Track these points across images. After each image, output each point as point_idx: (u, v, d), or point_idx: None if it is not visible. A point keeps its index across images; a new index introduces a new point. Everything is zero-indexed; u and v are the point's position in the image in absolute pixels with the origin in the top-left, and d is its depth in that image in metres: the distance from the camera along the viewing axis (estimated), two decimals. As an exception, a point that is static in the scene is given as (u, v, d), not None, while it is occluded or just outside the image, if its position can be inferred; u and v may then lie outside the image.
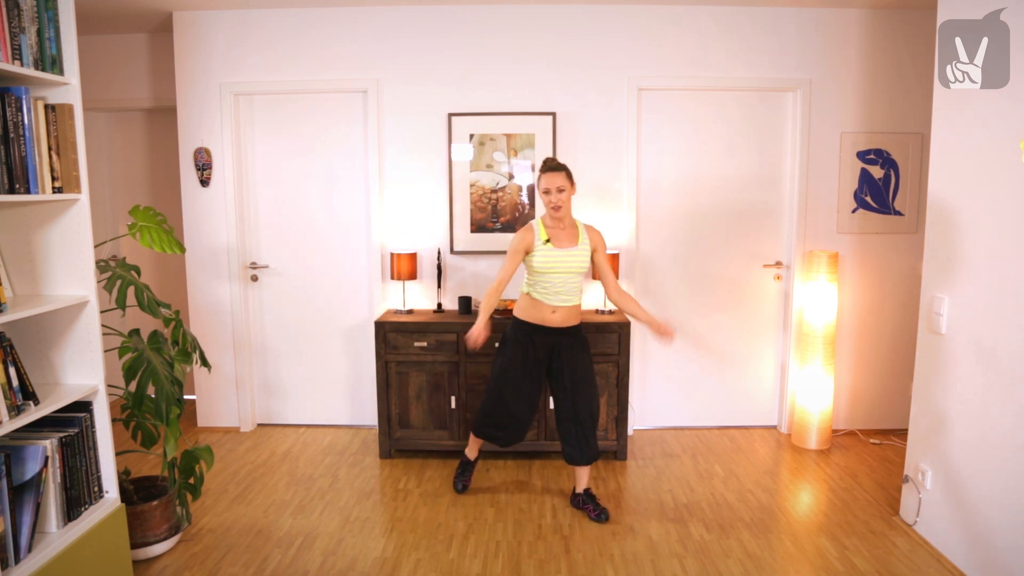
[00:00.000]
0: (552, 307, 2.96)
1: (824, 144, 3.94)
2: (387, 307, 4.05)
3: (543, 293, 2.96)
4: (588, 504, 3.08)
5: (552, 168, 2.92)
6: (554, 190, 2.88)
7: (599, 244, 3.03)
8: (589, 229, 3.03)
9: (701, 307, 4.15)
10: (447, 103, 3.92)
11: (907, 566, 2.67)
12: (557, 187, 2.88)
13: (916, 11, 3.81)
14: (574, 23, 3.86)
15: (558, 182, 2.88)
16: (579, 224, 3.02)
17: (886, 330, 4.10)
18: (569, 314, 2.99)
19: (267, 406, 4.31)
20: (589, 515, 3.07)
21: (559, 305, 2.96)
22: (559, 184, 2.88)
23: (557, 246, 2.93)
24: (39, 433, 2.14)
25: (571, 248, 2.94)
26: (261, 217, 4.15)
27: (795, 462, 3.73)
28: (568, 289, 2.96)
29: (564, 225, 2.97)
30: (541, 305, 2.97)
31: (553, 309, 2.96)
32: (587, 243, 2.97)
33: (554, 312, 2.96)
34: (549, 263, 2.91)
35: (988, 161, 2.51)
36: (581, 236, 2.97)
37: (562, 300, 2.96)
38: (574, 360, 3.00)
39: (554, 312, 2.96)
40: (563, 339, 3.01)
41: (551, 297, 2.95)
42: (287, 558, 2.75)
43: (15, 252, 2.26)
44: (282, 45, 3.92)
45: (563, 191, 2.88)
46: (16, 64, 1.98)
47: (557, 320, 2.97)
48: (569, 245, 2.94)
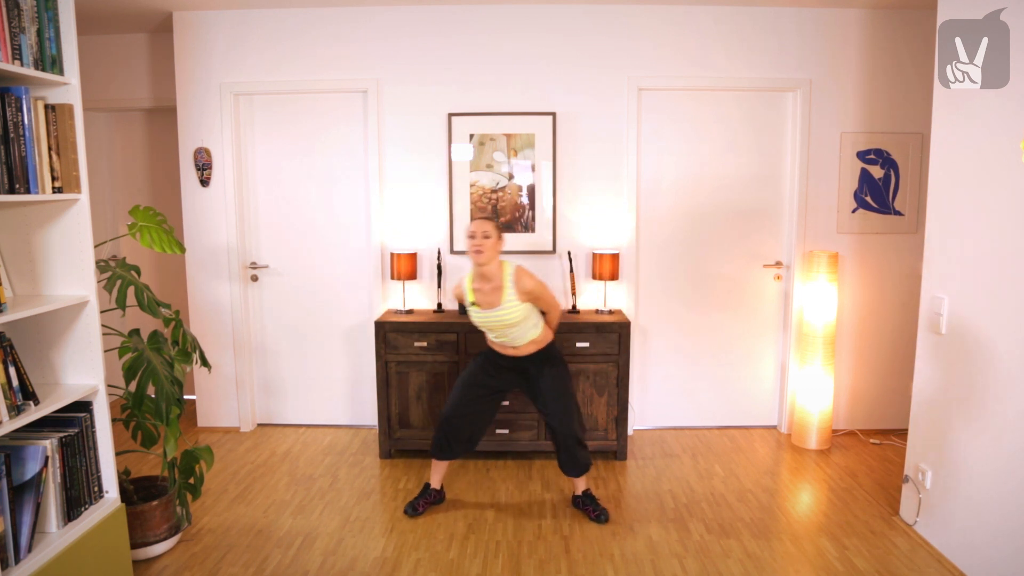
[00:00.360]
0: (510, 347, 2.99)
1: (824, 144, 3.94)
2: (387, 307, 4.05)
3: (494, 340, 3.01)
4: (588, 505, 3.09)
5: (483, 217, 2.96)
6: (479, 235, 2.83)
7: (532, 290, 2.86)
8: (519, 277, 2.86)
9: (701, 307, 4.14)
10: (447, 103, 3.92)
11: (907, 566, 2.67)
12: (483, 232, 2.84)
13: (916, 11, 3.81)
14: (574, 23, 3.86)
15: (485, 228, 2.85)
16: (506, 276, 2.87)
17: (886, 330, 4.10)
18: (529, 348, 2.98)
19: (267, 406, 4.31)
20: (589, 516, 3.07)
21: (516, 346, 2.97)
22: (485, 230, 2.85)
23: (483, 308, 2.90)
24: (39, 433, 2.14)
25: (496, 309, 2.87)
26: (261, 217, 4.15)
27: (795, 462, 3.73)
28: (514, 336, 2.94)
29: (489, 277, 2.88)
30: (499, 345, 3.02)
31: (512, 347, 2.98)
32: (513, 297, 2.84)
33: (515, 348, 2.98)
34: (480, 322, 2.94)
35: (988, 161, 2.51)
36: (506, 292, 2.85)
37: (514, 343, 2.96)
38: (543, 383, 3.00)
39: (515, 348, 2.98)
40: (532, 363, 3.01)
41: (502, 342, 2.99)
42: (287, 558, 2.75)
43: (15, 252, 2.26)
44: (282, 45, 3.92)
45: (488, 238, 2.84)
46: (16, 64, 1.98)
47: (520, 352, 2.99)
48: (494, 305, 2.87)
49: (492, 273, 2.89)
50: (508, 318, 2.87)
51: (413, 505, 3.11)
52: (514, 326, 2.89)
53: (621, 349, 3.60)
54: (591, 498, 3.11)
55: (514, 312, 2.86)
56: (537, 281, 2.90)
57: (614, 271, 3.82)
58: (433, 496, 3.16)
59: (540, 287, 2.90)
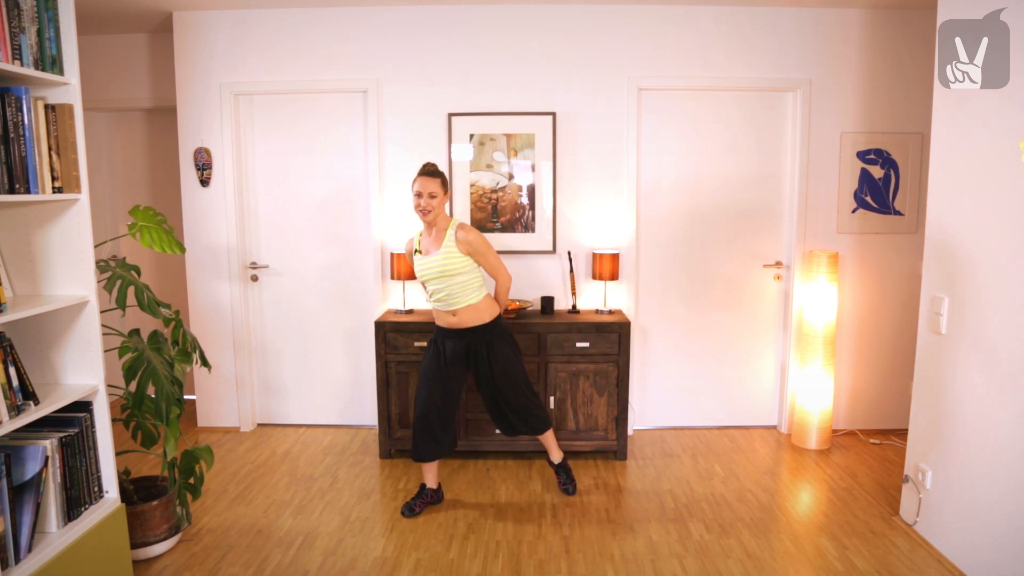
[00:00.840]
0: (450, 311, 2.99)
1: (824, 144, 3.94)
2: (387, 307, 4.05)
3: (434, 300, 3.02)
4: (560, 475, 3.24)
5: (427, 173, 2.93)
6: (426, 195, 2.88)
7: (468, 243, 2.91)
8: (462, 230, 2.94)
9: (701, 307, 4.15)
10: (447, 103, 3.92)
11: (907, 566, 2.67)
12: (429, 192, 2.88)
13: (916, 11, 3.81)
14: (574, 23, 3.86)
15: (430, 187, 2.89)
16: (451, 228, 2.95)
17: (886, 330, 4.10)
18: (471, 314, 2.98)
19: (267, 406, 4.31)
20: (559, 485, 3.24)
21: (455, 308, 2.97)
22: (431, 190, 2.89)
23: (424, 254, 2.97)
24: (39, 433, 2.14)
25: (432, 254, 2.93)
26: (261, 217, 4.15)
27: (795, 462, 3.73)
28: (451, 292, 2.94)
29: (432, 232, 2.98)
30: (440, 312, 3.03)
31: (452, 312, 2.98)
32: (452, 245, 2.91)
33: (454, 315, 2.99)
34: (419, 271, 2.98)
35: (988, 161, 2.51)
36: (447, 239, 2.92)
37: (451, 304, 2.97)
38: (492, 358, 3.02)
39: (454, 315, 2.99)
40: (476, 338, 3.02)
41: (440, 304, 2.99)
42: (287, 558, 2.75)
43: (15, 252, 2.26)
44: (282, 45, 3.92)
45: (434, 197, 2.89)
46: (16, 64, 1.98)
47: (460, 321, 2.99)
48: (433, 251, 2.94)
49: (439, 225, 2.98)
50: (446, 266, 2.90)
51: (410, 506, 3.11)
52: (451, 276, 2.91)
53: (621, 349, 3.60)
54: (565, 468, 3.25)
55: (452, 261, 2.90)
56: (481, 237, 2.96)
57: (614, 271, 3.82)
58: (430, 496, 3.16)
59: (482, 242, 2.96)
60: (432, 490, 3.17)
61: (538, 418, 3.16)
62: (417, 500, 3.13)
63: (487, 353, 3.02)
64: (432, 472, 3.15)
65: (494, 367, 3.02)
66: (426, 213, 2.90)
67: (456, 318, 2.98)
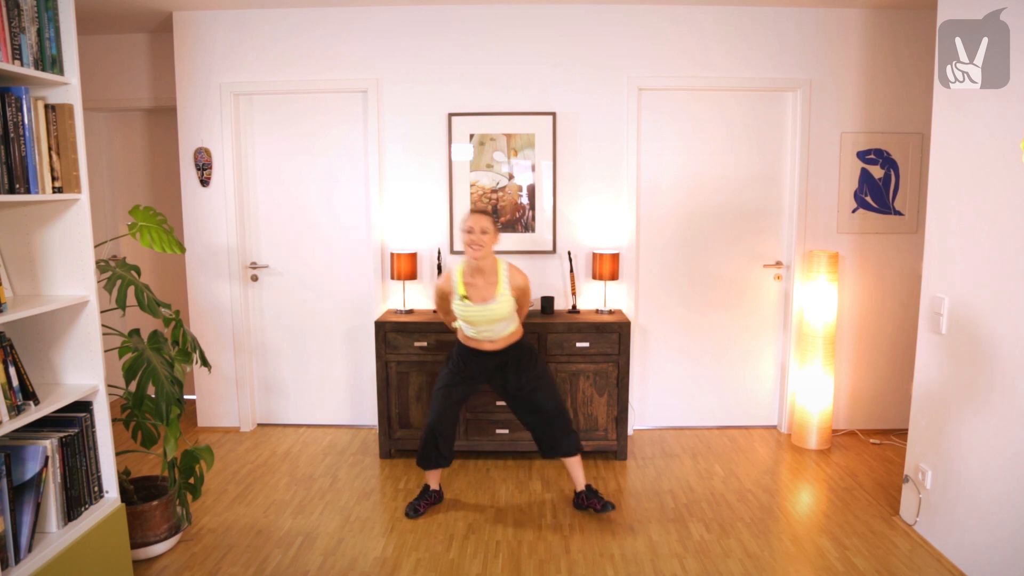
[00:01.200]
0: (489, 340, 3.00)
1: (824, 144, 3.94)
2: (387, 307, 4.05)
3: (473, 334, 3.00)
4: (592, 499, 3.08)
5: (478, 211, 2.97)
6: (477, 230, 2.85)
7: (521, 292, 2.96)
8: (513, 274, 2.95)
9: (701, 307, 4.15)
10: (447, 103, 3.92)
11: (907, 566, 2.67)
12: (481, 228, 2.86)
13: (916, 11, 3.81)
14: (574, 23, 3.86)
15: (482, 223, 2.86)
16: (501, 271, 2.93)
17: (886, 330, 4.10)
18: (506, 340, 3.00)
19: (267, 406, 4.31)
20: (595, 508, 3.05)
21: (495, 339, 2.99)
22: (483, 226, 2.86)
23: (475, 301, 2.91)
24: (39, 433, 2.14)
25: (489, 303, 2.90)
26: (261, 217, 4.15)
27: (795, 462, 3.73)
28: (496, 330, 2.96)
29: (484, 271, 2.92)
30: (474, 340, 3.02)
31: (490, 340, 3.00)
32: (507, 292, 2.90)
33: (492, 343, 3.00)
34: (468, 317, 2.94)
35: (988, 161, 2.51)
36: (501, 285, 2.91)
37: (494, 336, 2.98)
38: (525, 372, 3.02)
39: (492, 343, 3.00)
40: (508, 356, 3.02)
41: (481, 336, 2.99)
42: (287, 558, 2.75)
43: (15, 252, 2.26)
44: (282, 45, 3.92)
45: (486, 233, 2.86)
46: (16, 64, 1.98)
47: (495, 346, 3.01)
48: (487, 299, 2.90)
49: (487, 268, 2.92)
50: (499, 313, 2.90)
51: (414, 507, 3.11)
52: (502, 321, 2.93)
53: (621, 349, 3.59)
54: (594, 491, 3.10)
55: (506, 307, 2.91)
56: (527, 279, 3.02)
57: (614, 271, 3.82)
58: (433, 497, 3.17)
59: (528, 285, 3.03)
60: (435, 491, 3.18)
61: (574, 433, 3.08)
62: (421, 501, 3.13)
63: (519, 366, 3.02)
64: (436, 475, 3.16)
65: (531, 377, 3.01)
66: (478, 248, 2.85)
67: (493, 344, 3.00)
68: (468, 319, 2.95)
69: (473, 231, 2.85)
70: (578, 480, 3.12)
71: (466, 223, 2.89)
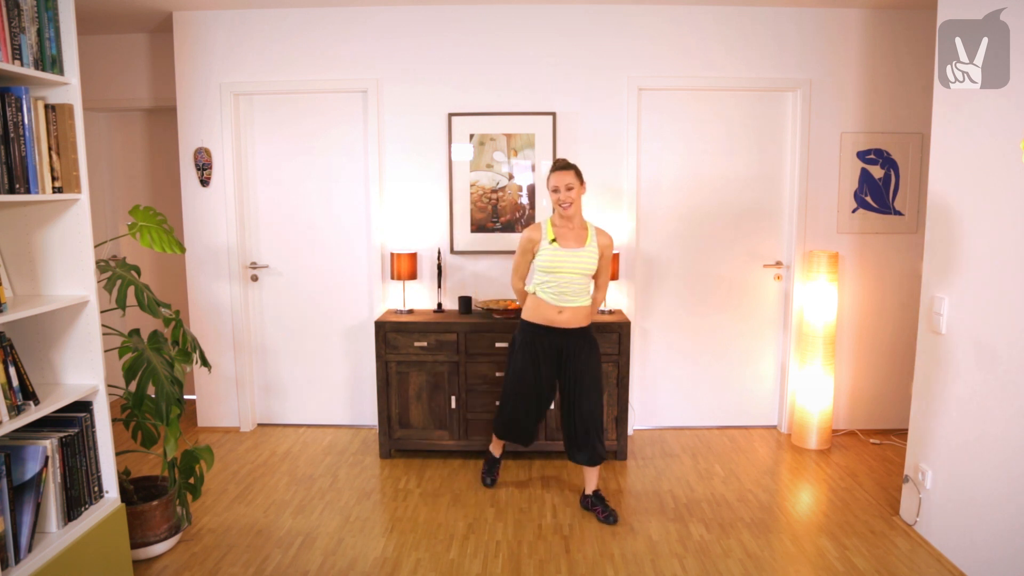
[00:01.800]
0: (558, 308, 2.95)
1: (824, 144, 3.94)
2: (387, 307, 4.05)
3: (548, 293, 2.95)
4: (597, 506, 3.07)
5: (561, 167, 2.93)
6: (563, 188, 2.87)
7: (606, 249, 2.99)
8: (600, 232, 3.00)
9: (701, 307, 4.15)
10: (447, 103, 3.92)
11: (907, 566, 2.67)
12: (566, 185, 2.87)
13: (916, 11, 3.81)
14: (574, 23, 3.86)
15: (567, 180, 2.88)
16: (590, 225, 2.99)
17: (886, 330, 4.10)
18: (576, 315, 2.96)
19: (267, 406, 4.31)
20: (598, 516, 3.05)
21: (565, 306, 2.94)
22: (568, 182, 2.88)
23: (563, 246, 2.92)
24: (39, 433, 2.14)
25: (577, 249, 2.92)
26: (261, 217, 4.15)
27: (795, 462, 3.73)
28: (574, 290, 2.94)
29: (573, 225, 2.96)
30: (547, 306, 2.96)
31: (560, 310, 2.95)
32: (595, 245, 2.95)
33: (560, 312, 2.95)
34: (555, 263, 2.91)
35: (988, 161, 2.51)
36: (590, 238, 2.95)
37: (568, 300, 2.94)
38: (580, 363, 2.99)
39: (560, 312, 2.95)
40: (571, 341, 3.00)
41: (556, 298, 2.94)
42: (287, 558, 2.75)
43: (15, 252, 2.26)
44: (282, 45, 3.92)
45: (571, 189, 2.88)
46: (16, 64, 1.98)
47: (564, 320, 2.96)
48: (576, 246, 2.93)
49: (577, 221, 2.98)
50: (585, 263, 2.92)
51: (491, 477, 3.38)
52: (583, 275, 2.93)
53: (621, 349, 3.60)
54: (600, 499, 3.10)
55: (590, 260, 2.93)
56: (612, 239, 3.05)
57: (614, 271, 3.82)
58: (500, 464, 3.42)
59: (613, 244, 3.07)
60: (497, 458, 3.41)
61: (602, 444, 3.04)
62: (493, 471, 3.39)
63: (578, 355, 2.99)
64: (501, 444, 3.36)
65: (587, 369, 2.98)
66: (567, 206, 2.88)
67: (563, 316, 2.96)
68: (554, 267, 2.91)
69: (559, 189, 2.89)
70: (589, 483, 3.13)
71: (551, 181, 2.91)
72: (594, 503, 3.09)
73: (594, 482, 3.12)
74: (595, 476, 3.11)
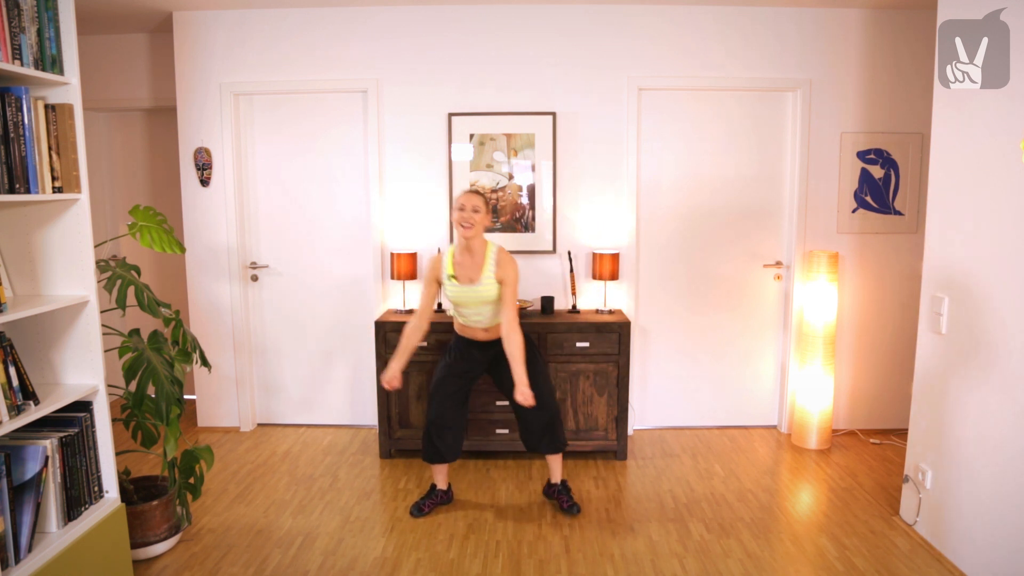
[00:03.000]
0: (481, 328, 3.00)
1: (824, 144, 3.94)
2: (387, 307, 4.05)
3: (464, 319, 3.01)
4: (562, 495, 3.12)
5: (472, 191, 2.97)
6: (469, 208, 2.85)
7: (508, 277, 2.89)
8: (501, 259, 2.91)
9: (701, 307, 4.15)
10: (447, 103, 3.92)
11: (907, 566, 2.67)
12: (472, 206, 2.85)
13: (916, 11, 3.81)
14: (574, 23, 3.86)
15: (474, 202, 2.86)
16: (489, 254, 2.91)
17: (886, 330, 4.10)
18: (499, 329, 2.97)
19: (267, 406, 4.31)
20: (561, 505, 3.09)
21: (487, 326, 2.99)
22: (475, 204, 2.86)
23: (461, 281, 2.92)
24: (39, 433, 2.14)
25: (474, 284, 2.90)
26: (261, 217, 4.15)
27: (795, 462, 3.73)
28: (487, 313, 2.95)
29: (472, 253, 2.92)
30: (469, 327, 3.02)
31: (484, 328, 3.00)
32: (491, 276, 2.89)
33: (485, 331, 3.00)
34: (455, 296, 2.94)
35: (988, 161, 2.51)
36: (486, 269, 2.89)
37: (484, 323, 2.98)
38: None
39: (485, 331, 3.00)
40: (500, 349, 2.96)
41: (471, 322, 2.99)
42: (287, 558, 2.75)
43: (15, 252, 2.26)
44: (282, 45, 3.92)
45: (477, 212, 2.85)
46: (16, 64, 1.98)
47: (489, 336, 3.01)
48: (472, 280, 2.90)
49: (476, 249, 2.93)
50: (484, 295, 2.90)
51: (419, 506, 3.10)
52: (489, 304, 2.93)
53: (621, 349, 3.59)
54: (567, 488, 3.15)
55: (491, 290, 2.90)
56: (515, 270, 2.92)
57: (614, 271, 3.82)
58: (440, 497, 3.16)
59: (514, 276, 2.91)
60: (442, 491, 3.17)
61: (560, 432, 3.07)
62: (426, 500, 3.13)
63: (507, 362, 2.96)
64: (442, 473, 3.16)
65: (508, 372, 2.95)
66: (468, 228, 2.85)
67: (487, 333, 3.01)
68: (454, 299, 2.96)
69: (464, 208, 2.86)
70: (554, 472, 3.16)
71: (458, 200, 2.90)
72: (560, 492, 3.13)
73: (559, 471, 3.15)
74: (559, 464, 3.15)
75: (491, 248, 2.94)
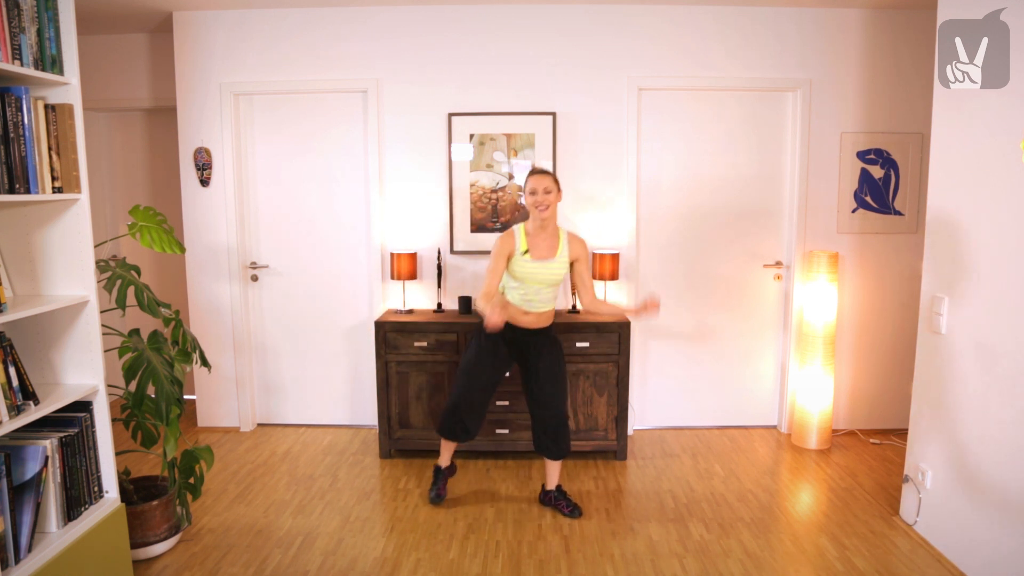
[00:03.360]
0: (523, 311, 2.99)
1: (824, 144, 3.94)
2: (387, 307, 4.05)
3: (515, 297, 2.99)
4: (560, 500, 3.11)
5: (539, 171, 2.95)
6: (540, 190, 2.87)
7: (581, 254, 3.01)
8: (572, 239, 3.00)
9: (701, 307, 4.15)
10: (447, 103, 3.92)
11: (907, 566, 2.67)
12: (544, 188, 2.87)
13: (916, 11, 3.81)
14: (574, 23, 3.86)
15: (545, 183, 2.88)
16: (562, 233, 2.99)
17: (886, 330, 4.10)
18: (540, 318, 3.01)
19: (267, 406, 4.31)
20: (562, 511, 3.09)
21: (530, 310, 2.99)
22: (546, 185, 2.88)
23: (535, 257, 2.93)
24: (39, 433, 2.14)
25: (548, 260, 2.93)
26: (261, 217, 4.15)
27: (795, 462, 3.73)
28: (541, 298, 2.97)
29: (547, 233, 2.96)
30: (513, 307, 3.01)
31: (525, 312, 2.99)
32: (565, 255, 2.96)
33: (525, 315, 3.00)
34: (525, 273, 2.93)
35: (988, 161, 2.51)
36: (560, 248, 2.95)
37: (533, 306, 2.98)
38: (547, 361, 3.02)
39: (525, 315, 3.00)
40: (535, 339, 3.03)
41: (523, 302, 2.98)
42: (287, 558, 2.75)
43: (15, 252, 2.26)
44: (282, 45, 3.92)
45: (549, 192, 2.88)
46: (16, 64, 1.98)
47: (528, 322, 3.00)
48: (547, 257, 2.94)
49: (550, 228, 2.97)
50: (555, 273, 2.94)
51: (436, 493, 3.19)
52: (553, 287, 2.97)
53: (621, 349, 3.59)
54: (564, 493, 3.14)
55: (560, 271, 2.95)
56: (588, 250, 3.06)
57: (614, 271, 3.82)
58: (447, 473, 3.23)
59: (587, 255, 3.06)
60: (447, 468, 3.24)
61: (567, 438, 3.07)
62: (439, 484, 3.20)
63: (543, 352, 3.02)
64: (450, 449, 3.21)
65: (547, 366, 3.01)
66: (544, 209, 2.87)
67: (528, 318, 3.00)
68: (523, 276, 2.93)
69: (537, 192, 2.88)
70: (552, 478, 3.15)
71: (529, 184, 2.91)
72: (556, 498, 3.13)
73: (555, 478, 3.15)
74: (556, 471, 3.15)
75: (563, 230, 3.01)
